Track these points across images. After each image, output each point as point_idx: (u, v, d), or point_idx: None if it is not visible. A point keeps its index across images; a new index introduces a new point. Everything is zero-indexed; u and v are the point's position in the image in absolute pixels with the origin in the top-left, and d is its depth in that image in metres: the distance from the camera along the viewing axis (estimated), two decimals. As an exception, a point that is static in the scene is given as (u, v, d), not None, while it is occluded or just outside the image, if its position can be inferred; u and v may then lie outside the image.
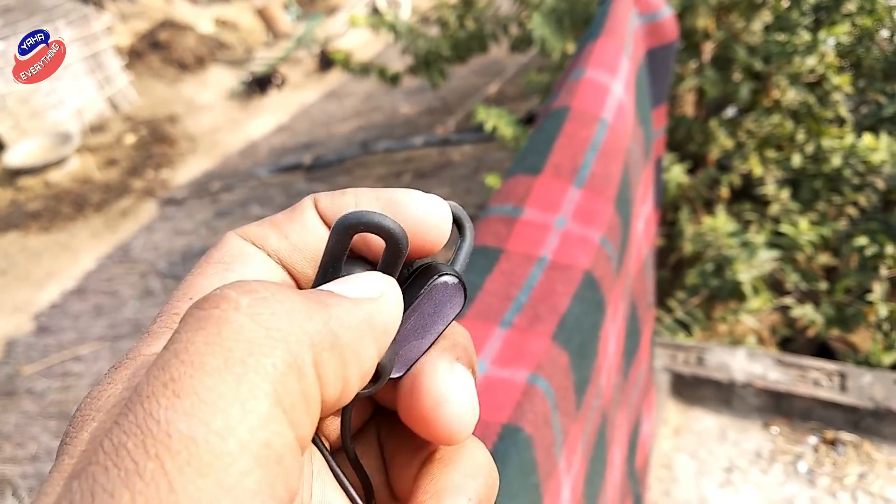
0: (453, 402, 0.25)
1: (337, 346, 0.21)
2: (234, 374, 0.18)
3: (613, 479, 0.95)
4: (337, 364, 0.21)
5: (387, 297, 0.24)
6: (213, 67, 8.64)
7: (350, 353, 0.21)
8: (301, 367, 0.20)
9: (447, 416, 0.25)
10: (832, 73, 2.30)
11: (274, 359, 0.19)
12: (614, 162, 0.88)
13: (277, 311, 0.20)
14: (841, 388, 1.92)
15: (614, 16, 1.03)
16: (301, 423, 0.19)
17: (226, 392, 0.18)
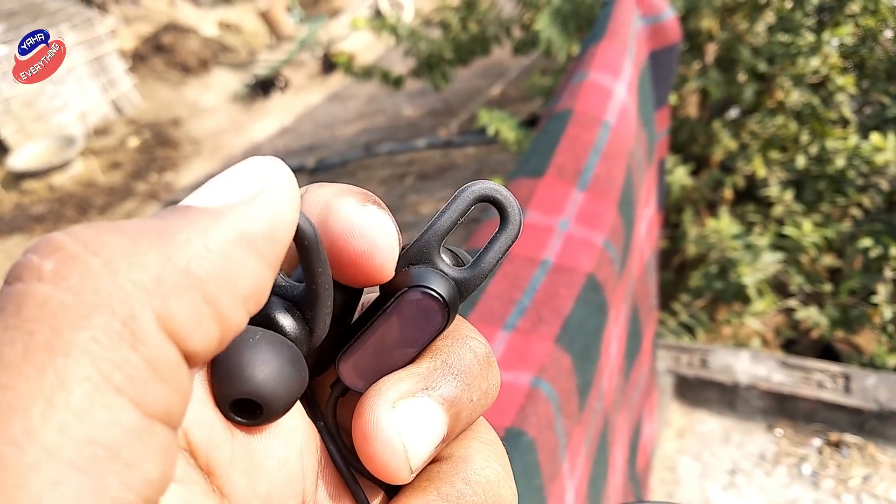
0: (379, 441, 0.22)
1: (191, 285, 0.17)
2: (36, 364, 0.15)
3: (615, 481, 0.95)
4: (197, 306, 0.17)
5: (266, 192, 0.20)
6: (217, 70, 8.66)
7: (217, 286, 0.18)
8: (135, 330, 0.16)
9: (371, 454, 0.23)
10: (836, 74, 2.30)
11: (91, 331, 0.15)
12: (617, 164, 0.88)
13: (91, 267, 0.16)
14: (845, 390, 1.91)
15: (617, 18, 1.03)
16: (153, 395, 0.16)
17: (26, 389, 0.14)
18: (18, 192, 6.17)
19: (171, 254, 0.17)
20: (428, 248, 0.25)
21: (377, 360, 0.25)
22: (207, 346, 0.18)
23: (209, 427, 0.21)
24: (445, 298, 0.24)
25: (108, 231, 0.17)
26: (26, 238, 5.48)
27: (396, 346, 0.25)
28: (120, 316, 0.16)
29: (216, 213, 0.19)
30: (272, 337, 0.22)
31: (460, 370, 0.24)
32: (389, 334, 0.25)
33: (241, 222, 0.19)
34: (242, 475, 0.22)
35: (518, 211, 0.26)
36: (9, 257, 5.25)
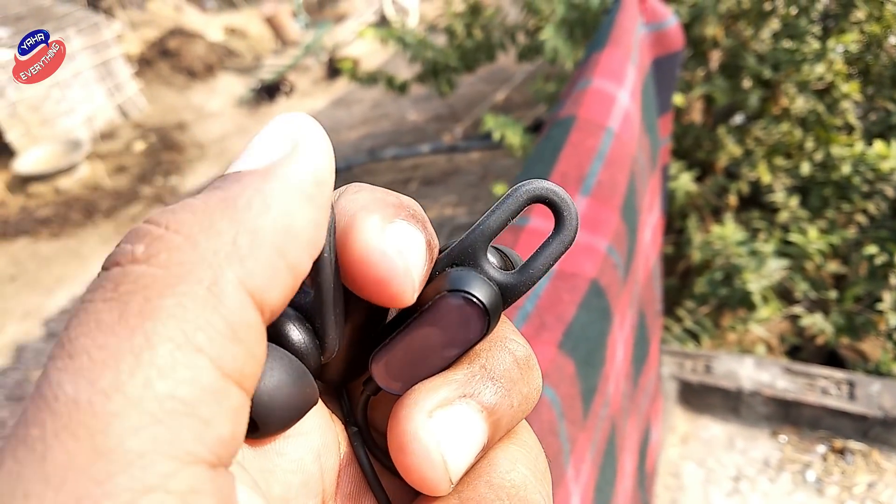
0: (415, 454, 0.22)
1: (262, 242, 0.18)
2: (128, 327, 0.16)
3: (624, 487, 0.95)
4: (272, 261, 0.18)
5: (301, 144, 0.21)
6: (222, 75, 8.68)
7: (284, 238, 0.19)
8: (218, 293, 0.17)
9: (407, 465, 0.22)
10: (841, 81, 2.30)
11: (177, 297, 0.17)
12: (620, 171, 0.88)
13: (175, 243, 0.18)
14: (850, 396, 1.91)
15: (620, 25, 1.04)
16: (231, 356, 0.17)
17: (118, 347, 0.16)
18: (25, 195, 6.19)
19: (239, 218, 0.18)
20: (474, 249, 0.24)
21: (411, 362, 0.24)
22: (283, 297, 0.19)
23: None
24: (486, 305, 0.23)
25: (182, 209, 0.19)
26: (32, 241, 5.50)
27: (432, 349, 0.23)
28: (204, 282, 0.17)
29: (265, 172, 0.20)
30: (274, 350, 0.21)
31: (500, 375, 0.24)
32: (425, 338, 0.23)
33: (288, 175, 0.20)
34: (255, 477, 0.22)
35: (575, 214, 0.24)
36: (14, 261, 5.26)
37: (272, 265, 0.18)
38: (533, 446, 0.25)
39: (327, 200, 0.21)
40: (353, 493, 0.25)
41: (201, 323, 0.17)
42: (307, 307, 0.23)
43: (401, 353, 0.24)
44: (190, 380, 0.16)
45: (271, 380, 0.21)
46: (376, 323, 0.25)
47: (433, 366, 0.24)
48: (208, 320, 0.17)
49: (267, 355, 0.21)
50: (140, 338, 0.16)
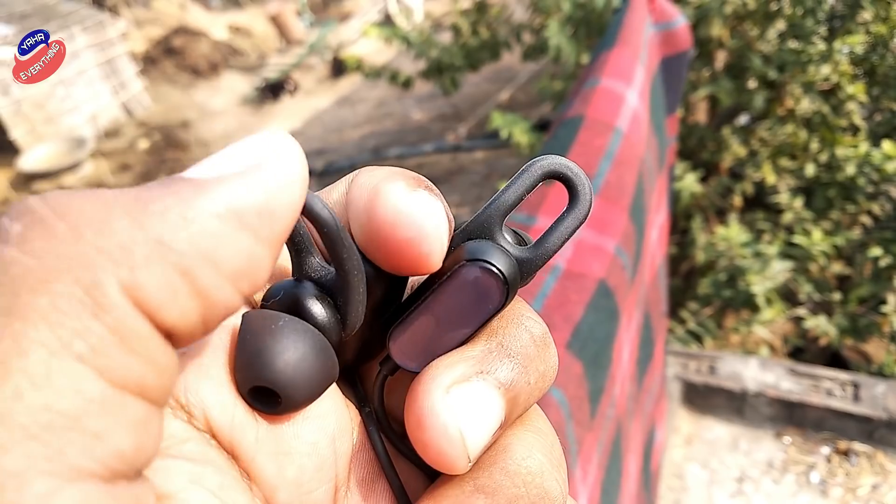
0: (433, 428, 0.21)
1: (163, 256, 0.16)
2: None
3: (629, 488, 0.95)
4: (170, 278, 0.16)
5: (264, 166, 0.18)
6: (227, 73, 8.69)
7: (195, 259, 0.16)
8: (98, 298, 0.15)
9: (425, 441, 0.21)
10: (846, 82, 2.29)
11: (50, 297, 0.15)
12: (629, 171, 0.88)
13: (56, 231, 0.15)
14: (854, 398, 1.90)
15: (629, 25, 1.03)
16: (121, 366, 0.15)
17: None
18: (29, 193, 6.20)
19: (144, 222, 0.16)
20: (489, 224, 0.24)
21: (430, 337, 0.23)
22: (186, 322, 0.17)
23: (231, 410, 0.21)
24: (505, 275, 0.23)
25: (82, 196, 0.16)
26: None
27: (450, 323, 0.23)
28: (82, 283, 0.15)
29: (203, 184, 0.18)
30: (297, 324, 0.21)
31: (517, 352, 0.23)
32: (443, 311, 0.23)
33: (228, 195, 0.18)
34: (269, 459, 0.21)
35: (589, 190, 0.24)
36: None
37: (171, 285, 0.16)
38: (548, 433, 0.25)
39: (277, 237, 0.18)
40: (365, 479, 0.25)
41: (79, 329, 0.15)
42: (328, 283, 0.23)
43: (419, 329, 0.23)
44: (70, 390, 0.14)
45: (295, 353, 0.21)
46: (391, 302, 0.25)
47: (451, 341, 0.23)
48: (87, 326, 0.15)
49: (290, 328, 0.21)
50: (7, 341, 0.14)
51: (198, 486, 0.19)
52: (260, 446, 0.21)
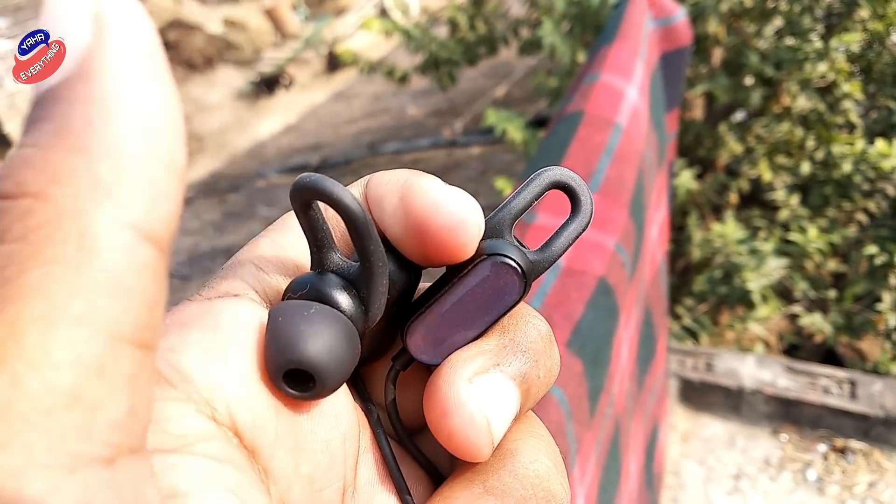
0: (460, 415, 0.22)
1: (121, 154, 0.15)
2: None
3: (629, 487, 0.95)
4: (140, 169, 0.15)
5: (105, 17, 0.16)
6: (222, 67, 8.66)
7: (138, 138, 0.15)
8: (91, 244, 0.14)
9: (450, 429, 0.22)
10: (843, 80, 2.29)
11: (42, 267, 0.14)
12: (629, 167, 0.87)
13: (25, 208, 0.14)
14: (851, 395, 1.90)
15: (629, 20, 1.03)
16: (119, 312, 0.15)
17: None
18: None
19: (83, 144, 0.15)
20: (500, 228, 0.25)
21: (447, 331, 0.24)
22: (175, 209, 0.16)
23: (253, 405, 0.21)
24: (524, 270, 0.24)
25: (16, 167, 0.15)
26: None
27: (468, 317, 0.24)
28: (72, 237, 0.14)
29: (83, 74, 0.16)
30: (327, 311, 0.22)
31: (528, 347, 0.24)
32: (462, 305, 0.24)
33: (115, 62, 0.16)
34: (287, 455, 0.22)
35: (590, 200, 0.26)
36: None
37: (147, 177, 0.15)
38: (549, 440, 0.26)
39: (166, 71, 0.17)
40: (370, 481, 0.25)
41: (76, 287, 0.14)
42: (350, 276, 0.24)
43: (437, 322, 0.25)
44: (70, 362, 0.14)
45: (329, 337, 0.21)
46: (404, 302, 0.26)
47: (468, 335, 0.24)
48: (84, 281, 0.14)
49: (322, 314, 0.22)
50: (3, 328, 0.13)
51: (216, 485, 0.19)
52: (279, 441, 0.21)
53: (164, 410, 0.19)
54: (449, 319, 0.24)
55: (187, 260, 4.67)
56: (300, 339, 0.21)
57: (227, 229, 4.97)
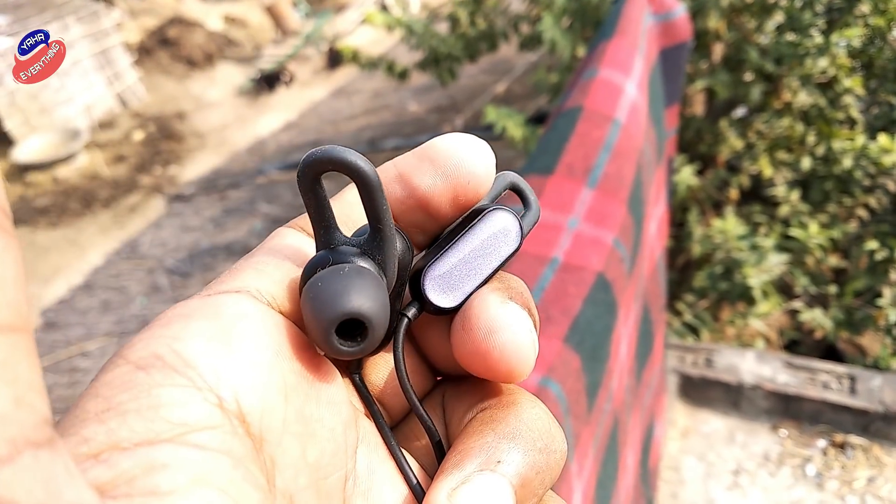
0: (507, 329, 0.24)
1: None
2: None
3: (626, 482, 0.95)
4: None
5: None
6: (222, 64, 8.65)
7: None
8: None
9: (501, 344, 0.24)
10: (843, 75, 2.29)
11: None
12: (627, 163, 0.87)
13: None
14: (850, 391, 1.90)
15: (628, 15, 1.02)
16: None
17: None
18: (23, 184, 6.18)
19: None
20: None
21: (458, 278, 0.26)
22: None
23: (260, 391, 0.21)
24: (520, 221, 0.27)
25: None
26: (30, 230, 5.48)
27: (475, 264, 0.26)
28: None
29: None
30: (358, 268, 0.23)
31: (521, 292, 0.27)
32: (472, 252, 0.26)
33: None
34: (295, 441, 0.22)
35: (536, 200, 0.29)
36: (13, 249, 5.24)
37: None
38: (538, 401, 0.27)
39: None
40: (370, 469, 0.26)
41: None
42: (362, 247, 0.24)
43: (450, 269, 0.26)
44: None
45: (371, 288, 0.22)
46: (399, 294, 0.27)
47: (476, 280, 0.26)
48: None
49: (357, 272, 0.23)
50: None
51: (204, 484, 0.18)
52: (287, 427, 0.22)
53: (166, 396, 0.19)
54: (460, 267, 0.26)
55: (188, 257, 4.67)
56: (346, 292, 0.22)
57: (228, 226, 4.96)
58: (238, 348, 0.21)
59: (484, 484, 0.23)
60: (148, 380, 0.19)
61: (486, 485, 0.23)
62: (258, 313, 0.23)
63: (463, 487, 0.23)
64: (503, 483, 0.23)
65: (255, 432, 0.21)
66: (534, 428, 0.25)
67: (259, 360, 0.22)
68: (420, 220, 0.27)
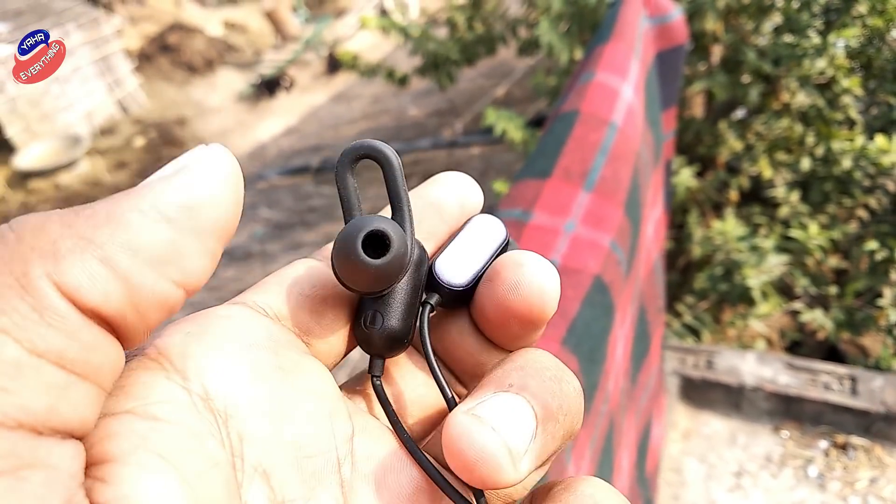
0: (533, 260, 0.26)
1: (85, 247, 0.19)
2: None
3: (621, 484, 0.95)
4: (90, 266, 0.19)
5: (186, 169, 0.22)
6: (222, 70, 8.67)
7: (113, 249, 0.19)
8: (25, 284, 0.18)
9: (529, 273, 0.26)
10: (842, 76, 2.29)
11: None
12: (624, 166, 0.88)
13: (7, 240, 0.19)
14: (852, 391, 1.90)
15: (624, 18, 1.03)
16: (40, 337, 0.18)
17: None
18: (25, 191, 6.19)
19: (72, 222, 0.19)
20: None
21: (465, 261, 0.29)
22: (112, 304, 0.19)
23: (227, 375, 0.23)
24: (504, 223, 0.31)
25: (41, 214, 0.20)
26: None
27: (474, 250, 0.30)
28: (14, 274, 0.18)
29: (133, 189, 0.21)
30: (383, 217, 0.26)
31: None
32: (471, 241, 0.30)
33: (150, 194, 0.21)
34: (265, 419, 0.23)
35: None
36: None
37: (90, 271, 0.19)
38: None
39: (204, 227, 0.21)
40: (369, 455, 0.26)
41: (6, 308, 0.18)
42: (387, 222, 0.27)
43: (454, 254, 0.30)
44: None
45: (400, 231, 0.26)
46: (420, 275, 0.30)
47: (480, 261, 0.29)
48: (13, 306, 0.18)
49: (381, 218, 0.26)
50: None
51: (143, 450, 0.20)
52: (255, 407, 0.23)
53: (134, 377, 0.22)
54: (463, 254, 0.29)
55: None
56: (372, 220, 0.25)
57: (229, 231, 4.97)
58: (210, 340, 0.24)
59: (501, 400, 0.23)
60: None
61: (504, 400, 0.23)
62: (243, 316, 0.25)
63: (480, 405, 0.23)
64: (519, 399, 0.23)
65: (220, 409, 0.22)
66: (541, 360, 0.26)
67: (228, 349, 0.24)
68: None
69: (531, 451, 0.23)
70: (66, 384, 0.18)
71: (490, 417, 0.22)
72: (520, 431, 0.23)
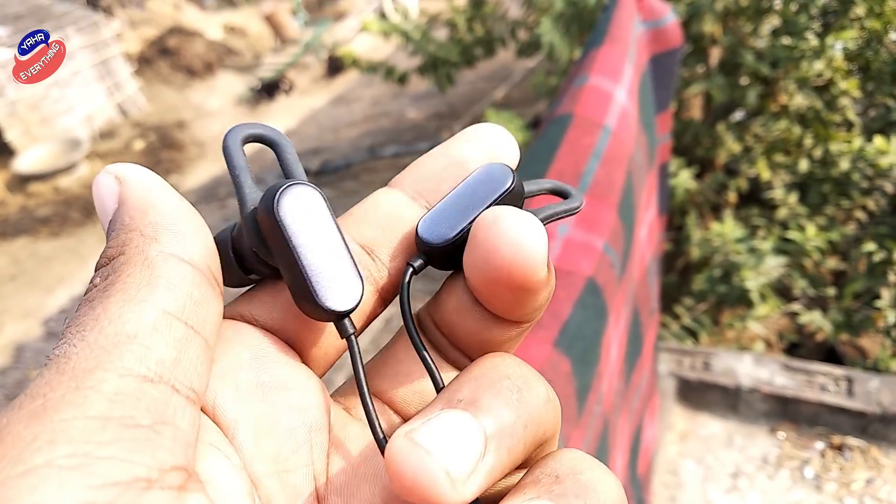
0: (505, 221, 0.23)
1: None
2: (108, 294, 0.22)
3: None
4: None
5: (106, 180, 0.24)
6: (222, 73, 8.68)
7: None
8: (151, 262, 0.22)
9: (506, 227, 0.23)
10: (840, 78, 2.30)
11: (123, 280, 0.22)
12: (617, 168, 0.88)
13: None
14: (848, 393, 1.91)
15: (617, 22, 1.03)
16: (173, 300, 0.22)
17: None
18: (24, 194, 6.19)
19: None
20: None
21: (452, 215, 0.27)
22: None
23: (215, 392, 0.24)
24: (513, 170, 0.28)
25: None
26: (32, 240, 5.50)
27: (466, 204, 0.27)
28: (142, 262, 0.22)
29: None
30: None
31: None
32: (460, 196, 0.27)
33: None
34: (248, 433, 0.24)
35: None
36: (14, 260, 5.26)
37: None
38: None
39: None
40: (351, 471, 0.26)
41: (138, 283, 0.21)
42: None
43: (441, 210, 0.27)
44: (134, 319, 0.21)
45: None
46: None
47: (470, 217, 0.26)
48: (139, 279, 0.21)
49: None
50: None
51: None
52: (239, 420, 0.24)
53: None
54: (451, 210, 0.27)
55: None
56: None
57: (229, 234, 4.97)
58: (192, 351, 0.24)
59: (444, 420, 0.22)
60: None
61: (448, 420, 0.22)
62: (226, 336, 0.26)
63: (422, 426, 0.21)
64: (464, 417, 0.22)
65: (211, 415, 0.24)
66: (500, 368, 0.24)
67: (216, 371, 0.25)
68: None
69: (479, 471, 0.21)
70: (188, 338, 0.22)
71: (427, 441, 0.21)
72: (462, 453, 0.21)
